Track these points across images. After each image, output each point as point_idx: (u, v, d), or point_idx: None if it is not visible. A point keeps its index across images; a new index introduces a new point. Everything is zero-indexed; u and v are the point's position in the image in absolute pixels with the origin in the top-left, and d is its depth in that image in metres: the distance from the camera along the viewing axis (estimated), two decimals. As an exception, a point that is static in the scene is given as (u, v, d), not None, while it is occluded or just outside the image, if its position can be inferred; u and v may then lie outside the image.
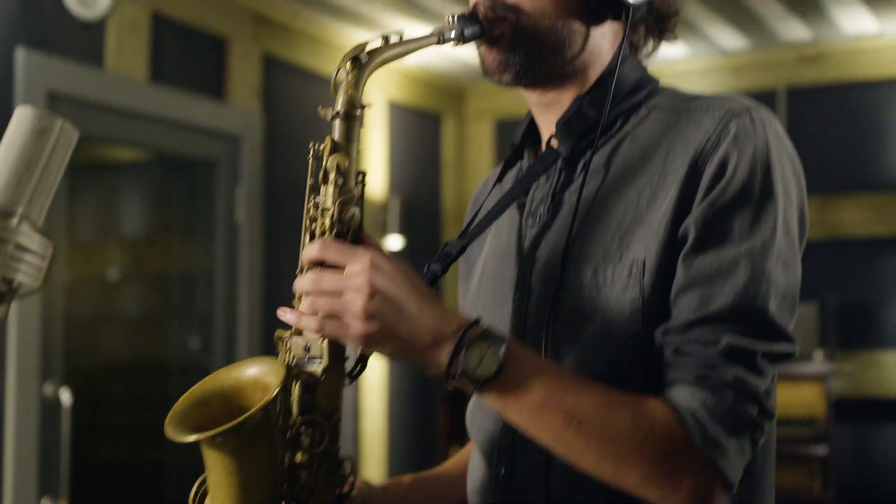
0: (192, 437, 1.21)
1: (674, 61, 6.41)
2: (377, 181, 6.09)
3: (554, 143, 1.45)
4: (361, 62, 1.31)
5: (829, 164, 6.08)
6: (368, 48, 1.32)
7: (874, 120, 6.04)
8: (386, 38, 1.33)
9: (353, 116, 1.31)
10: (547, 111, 1.48)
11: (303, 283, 1.26)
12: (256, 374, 1.28)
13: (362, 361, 1.31)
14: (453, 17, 1.39)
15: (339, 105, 1.31)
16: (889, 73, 6.02)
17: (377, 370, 6.04)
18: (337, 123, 1.31)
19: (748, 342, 1.26)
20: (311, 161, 1.31)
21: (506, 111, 6.71)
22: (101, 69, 4.38)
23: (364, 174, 1.33)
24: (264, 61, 5.29)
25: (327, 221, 1.29)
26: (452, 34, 1.38)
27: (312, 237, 1.31)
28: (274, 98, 5.33)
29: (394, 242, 6.07)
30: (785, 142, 1.36)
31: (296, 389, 1.28)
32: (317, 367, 1.28)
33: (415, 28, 5.69)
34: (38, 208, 1.24)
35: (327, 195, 1.30)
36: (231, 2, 5.07)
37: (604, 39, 1.46)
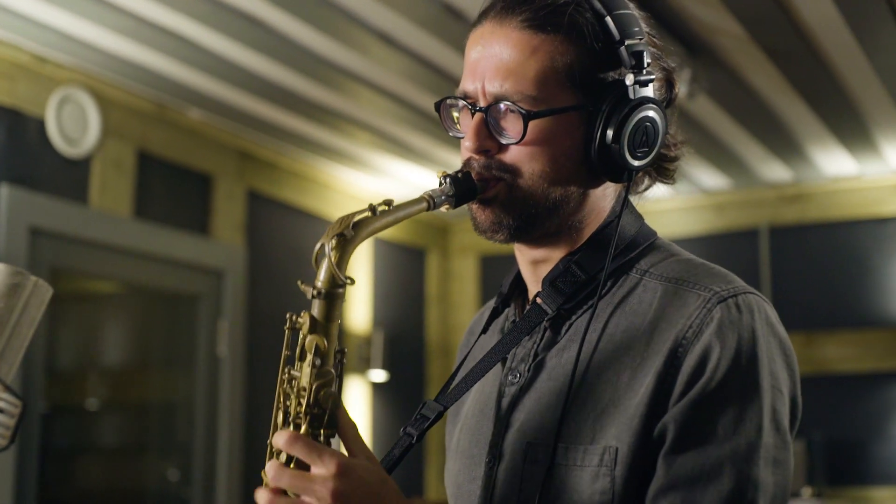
0: None
1: (657, 199, 6.43)
2: (361, 315, 6.07)
3: (539, 300, 1.38)
4: (346, 238, 1.22)
5: (812, 301, 6.10)
6: (356, 219, 1.24)
7: (856, 258, 6.07)
8: (373, 209, 1.25)
9: (335, 295, 1.22)
10: (536, 267, 1.42)
11: (270, 471, 1.21)
12: None
13: None
14: (445, 177, 1.33)
15: (321, 283, 1.22)
16: (869, 212, 6.08)
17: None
18: (317, 302, 1.23)
19: None
20: (286, 332, 1.25)
21: (490, 247, 6.61)
22: (85, 205, 4.39)
23: (344, 352, 1.26)
24: (249, 197, 5.31)
25: (303, 405, 1.23)
26: (443, 198, 1.32)
27: (286, 416, 1.25)
28: (258, 233, 5.34)
29: (377, 376, 6.02)
30: (776, 328, 1.29)
31: None
32: None
33: (396, 165, 5.74)
34: (8, 366, 1.22)
35: (304, 374, 1.23)
36: (216, 140, 5.11)
37: (604, 198, 1.39)
